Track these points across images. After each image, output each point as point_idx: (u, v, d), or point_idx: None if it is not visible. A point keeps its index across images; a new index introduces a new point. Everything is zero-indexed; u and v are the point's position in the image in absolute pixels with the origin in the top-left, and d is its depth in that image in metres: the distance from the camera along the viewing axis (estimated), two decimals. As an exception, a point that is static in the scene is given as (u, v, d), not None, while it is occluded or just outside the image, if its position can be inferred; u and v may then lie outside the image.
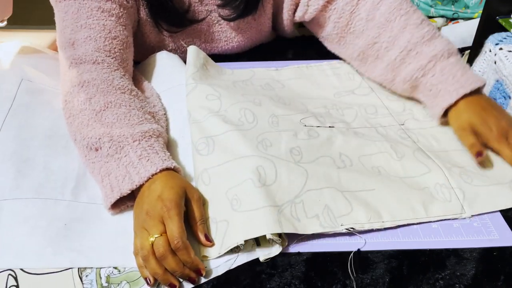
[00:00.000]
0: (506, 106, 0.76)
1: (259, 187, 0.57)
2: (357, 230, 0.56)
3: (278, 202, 0.57)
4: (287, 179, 0.59)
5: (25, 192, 0.58)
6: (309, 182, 0.59)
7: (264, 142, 0.64)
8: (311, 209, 0.57)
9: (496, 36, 0.84)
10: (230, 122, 0.67)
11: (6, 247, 0.53)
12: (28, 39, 0.86)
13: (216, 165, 0.61)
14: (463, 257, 0.54)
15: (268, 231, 0.53)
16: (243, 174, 0.59)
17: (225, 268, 0.52)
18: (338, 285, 0.51)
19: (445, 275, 0.52)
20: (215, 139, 0.65)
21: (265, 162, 0.60)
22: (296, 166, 0.61)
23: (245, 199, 0.56)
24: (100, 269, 0.52)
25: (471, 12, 1.03)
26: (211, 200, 0.59)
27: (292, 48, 0.95)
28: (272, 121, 0.69)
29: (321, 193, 0.59)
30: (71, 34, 0.71)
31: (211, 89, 0.72)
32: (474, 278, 0.51)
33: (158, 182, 0.56)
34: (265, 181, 0.58)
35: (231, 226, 0.55)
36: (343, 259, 0.53)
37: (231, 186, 0.58)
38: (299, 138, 0.66)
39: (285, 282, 0.51)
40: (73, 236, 0.55)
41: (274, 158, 0.61)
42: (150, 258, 0.51)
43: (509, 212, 0.60)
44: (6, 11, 0.81)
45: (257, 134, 0.66)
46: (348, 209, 0.58)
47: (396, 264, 0.53)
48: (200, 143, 0.65)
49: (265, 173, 0.59)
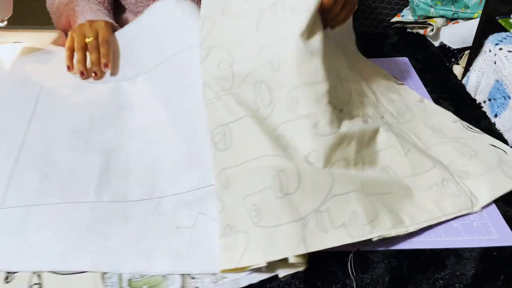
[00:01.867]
0: (506, 106, 0.76)
1: (281, 198, 0.53)
2: (386, 238, 0.53)
3: (302, 213, 0.52)
4: (311, 185, 0.55)
5: (51, 197, 0.59)
6: (336, 186, 0.55)
7: (283, 137, 0.61)
8: (337, 217, 0.53)
9: (496, 36, 0.84)
10: (245, 104, 0.64)
11: (31, 251, 0.53)
12: (28, 39, 0.86)
13: (233, 165, 0.59)
14: (463, 257, 0.54)
15: (291, 253, 0.50)
16: (263, 181, 0.55)
17: (246, 282, 0.51)
18: (338, 285, 0.51)
19: (445, 274, 0.52)
20: (231, 126, 0.62)
21: (286, 165, 0.56)
22: (320, 168, 0.58)
23: (265, 213, 0.53)
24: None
25: (471, 12, 1.03)
26: (230, 206, 0.55)
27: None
28: (291, 99, 0.62)
29: (348, 197, 0.55)
30: None
31: (225, 53, 0.68)
32: (474, 278, 0.52)
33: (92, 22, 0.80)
34: (287, 189, 0.54)
35: (251, 241, 0.51)
36: (343, 259, 0.53)
37: (249, 193, 0.55)
38: (319, 134, 0.60)
39: (285, 282, 0.51)
40: (95, 238, 0.55)
41: (295, 159, 0.58)
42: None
43: (509, 212, 0.60)
44: (6, 11, 0.81)
45: (274, 126, 0.62)
46: (375, 214, 0.54)
47: (396, 264, 0.53)
48: (216, 133, 0.62)
49: (287, 179, 0.55)
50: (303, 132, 0.60)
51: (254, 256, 0.50)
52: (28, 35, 0.88)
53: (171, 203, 0.58)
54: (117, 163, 0.64)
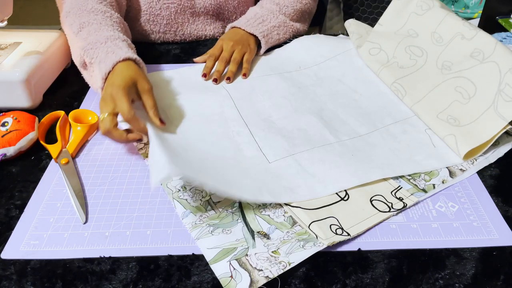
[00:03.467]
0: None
1: (466, 104, 0.73)
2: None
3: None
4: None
5: (304, 146, 0.70)
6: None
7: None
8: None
9: (496, 36, 0.84)
10: (406, 65, 0.83)
11: (327, 179, 0.64)
12: (28, 39, 0.86)
13: (417, 101, 0.78)
14: (463, 257, 0.54)
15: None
16: (446, 98, 0.75)
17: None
18: (338, 285, 0.51)
19: (445, 274, 0.52)
20: (403, 80, 0.81)
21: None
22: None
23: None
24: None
25: (471, 12, 1.03)
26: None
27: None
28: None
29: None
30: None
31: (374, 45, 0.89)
32: (474, 278, 0.52)
33: (115, 73, 0.69)
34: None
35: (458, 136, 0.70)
36: (343, 259, 0.54)
37: (441, 110, 0.74)
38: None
39: (285, 282, 0.51)
40: (362, 160, 0.68)
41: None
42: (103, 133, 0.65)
43: (509, 212, 0.60)
44: (6, 11, 0.81)
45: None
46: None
47: (396, 263, 0.53)
48: (393, 88, 0.81)
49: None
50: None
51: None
52: (28, 35, 0.88)
53: (396, 127, 0.76)
54: (330, 117, 0.77)
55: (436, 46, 0.81)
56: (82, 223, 0.58)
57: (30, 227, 0.58)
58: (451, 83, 0.76)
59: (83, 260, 0.54)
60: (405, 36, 0.86)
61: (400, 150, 0.70)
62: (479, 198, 0.62)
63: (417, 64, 0.82)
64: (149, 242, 0.56)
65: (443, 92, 0.76)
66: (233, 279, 0.51)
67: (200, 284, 0.51)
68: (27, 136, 0.69)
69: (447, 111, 0.73)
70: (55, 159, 0.68)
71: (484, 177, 0.66)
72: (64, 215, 0.60)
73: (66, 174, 0.65)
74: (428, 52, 0.82)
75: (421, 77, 0.80)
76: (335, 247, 0.55)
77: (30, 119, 0.72)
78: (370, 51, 0.88)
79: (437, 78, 0.78)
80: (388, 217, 0.59)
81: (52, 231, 0.57)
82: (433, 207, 0.61)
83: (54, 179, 0.65)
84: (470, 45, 0.76)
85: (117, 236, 0.57)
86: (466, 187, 0.64)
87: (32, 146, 0.71)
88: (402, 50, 0.85)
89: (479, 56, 0.74)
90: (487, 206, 0.61)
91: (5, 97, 0.77)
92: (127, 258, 0.54)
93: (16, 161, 0.69)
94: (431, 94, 0.76)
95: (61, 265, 0.53)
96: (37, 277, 0.52)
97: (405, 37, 0.86)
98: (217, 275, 0.52)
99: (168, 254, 0.54)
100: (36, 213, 0.60)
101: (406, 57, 0.84)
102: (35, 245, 0.56)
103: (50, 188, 0.64)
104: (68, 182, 0.64)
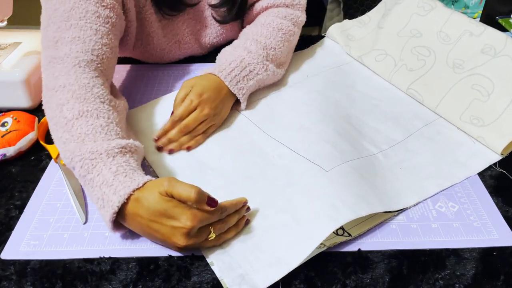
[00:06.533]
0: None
1: (485, 102, 0.72)
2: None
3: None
4: None
5: (349, 155, 0.67)
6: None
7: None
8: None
9: (496, 36, 0.84)
10: (414, 67, 0.81)
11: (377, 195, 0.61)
12: (28, 39, 0.86)
13: (436, 104, 0.76)
14: (463, 257, 0.54)
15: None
16: (467, 96, 0.74)
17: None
18: (338, 285, 0.51)
19: (445, 275, 0.52)
20: (415, 83, 0.80)
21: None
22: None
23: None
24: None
25: (471, 12, 1.03)
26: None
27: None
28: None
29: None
30: (56, 32, 0.65)
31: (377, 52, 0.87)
32: (474, 278, 0.52)
33: (142, 193, 0.52)
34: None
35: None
36: (343, 259, 0.54)
37: (463, 110, 0.73)
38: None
39: (285, 282, 0.51)
40: (406, 171, 0.66)
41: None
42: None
43: (509, 212, 0.60)
44: (6, 11, 0.81)
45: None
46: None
47: (396, 264, 0.53)
48: (411, 90, 0.79)
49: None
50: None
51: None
52: (28, 35, 0.88)
53: (429, 128, 0.74)
54: (359, 124, 0.74)
55: (444, 45, 0.79)
56: (82, 223, 0.58)
57: (30, 227, 0.58)
58: (467, 81, 0.74)
59: (83, 260, 0.54)
60: (409, 37, 0.84)
61: (442, 152, 0.69)
62: (479, 198, 0.62)
63: (426, 64, 0.80)
64: (149, 242, 0.56)
65: (460, 92, 0.74)
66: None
67: (200, 284, 0.51)
68: (27, 136, 0.69)
69: (469, 111, 0.71)
70: (55, 159, 0.68)
71: (484, 177, 0.65)
72: (64, 215, 0.60)
73: (66, 175, 0.65)
74: (436, 51, 0.80)
75: (434, 79, 0.78)
76: (335, 248, 0.55)
77: (30, 119, 0.72)
78: (376, 58, 0.86)
79: (451, 78, 0.76)
80: (389, 217, 0.59)
81: (52, 231, 0.57)
82: (433, 207, 0.61)
83: (54, 179, 0.65)
84: (479, 42, 0.75)
85: (117, 236, 0.57)
86: (466, 187, 0.64)
87: (32, 146, 0.71)
88: (408, 52, 0.83)
89: (490, 52, 0.73)
90: (487, 206, 0.61)
91: (5, 97, 0.77)
92: (127, 258, 0.54)
93: (16, 161, 0.69)
94: (448, 96, 0.75)
95: (61, 265, 0.53)
96: (37, 278, 0.52)
97: (409, 38, 0.84)
98: (217, 275, 0.52)
99: (168, 254, 0.54)
100: (36, 213, 0.60)
101: (413, 58, 0.82)
102: (35, 245, 0.56)
103: (50, 188, 0.64)
104: (68, 183, 0.64)
